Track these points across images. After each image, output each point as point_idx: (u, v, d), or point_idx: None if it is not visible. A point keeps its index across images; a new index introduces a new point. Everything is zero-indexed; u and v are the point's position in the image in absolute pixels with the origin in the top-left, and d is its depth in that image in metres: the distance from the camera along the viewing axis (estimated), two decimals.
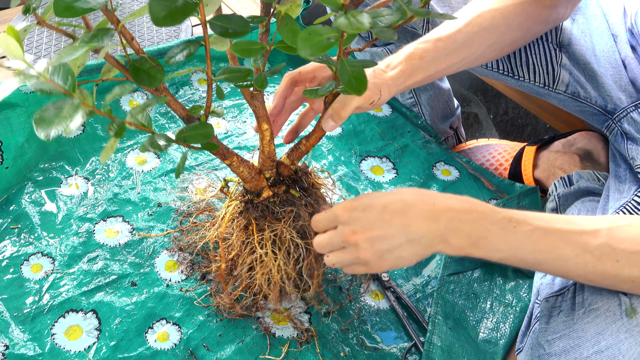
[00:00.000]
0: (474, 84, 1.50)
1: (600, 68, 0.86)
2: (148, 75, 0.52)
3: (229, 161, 0.69)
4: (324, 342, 0.78)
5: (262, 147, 0.71)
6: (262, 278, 0.74)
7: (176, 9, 0.42)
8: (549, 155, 1.07)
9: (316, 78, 0.75)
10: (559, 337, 0.61)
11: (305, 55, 0.47)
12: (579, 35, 0.88)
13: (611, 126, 0.87)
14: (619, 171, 0.86)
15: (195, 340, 0.77)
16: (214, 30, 0.49)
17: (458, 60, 0.77)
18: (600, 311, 0.59)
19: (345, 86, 0.53)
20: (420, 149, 1.08)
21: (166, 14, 0.41)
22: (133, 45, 0.56)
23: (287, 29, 0.53)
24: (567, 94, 0.90)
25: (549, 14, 0.80)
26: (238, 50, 0.56)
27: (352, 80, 0.53)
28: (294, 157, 0.73)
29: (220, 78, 0.58)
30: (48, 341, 0.75)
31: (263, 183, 0.72)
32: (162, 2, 0.42)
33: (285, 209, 0.72)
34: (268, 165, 0.72)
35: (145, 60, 0.53)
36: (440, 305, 0.82)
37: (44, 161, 0.97)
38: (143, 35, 1.33)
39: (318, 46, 0.47)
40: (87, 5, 0.44)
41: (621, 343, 0.56)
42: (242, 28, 0.49)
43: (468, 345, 0.78)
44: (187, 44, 0.53)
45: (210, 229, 0.82)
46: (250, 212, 0.73)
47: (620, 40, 0.86)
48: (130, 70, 0.53)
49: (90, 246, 0.87)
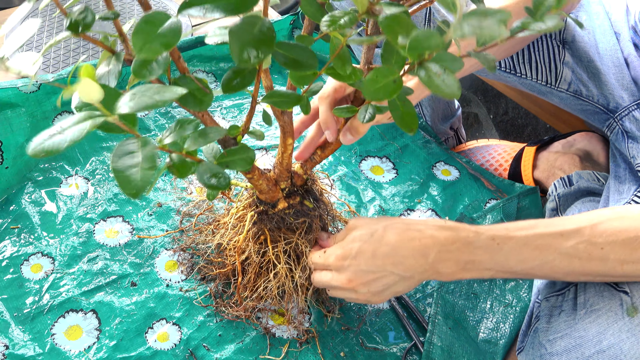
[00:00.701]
0: (474, 84, 1.50)
1: (603, 66, 0.86)
2: (194, 97, 0.47)
3: (250, 175, 0.67)
4: (324, 342, 0.78)
5: (282, 160, 0.69)
6: (277, 290, 0.74)
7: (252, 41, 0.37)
8: (548, 155, 1.07)
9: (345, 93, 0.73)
10: (560, 337, 0.62)
11: (372, 99, 0.46)
12: (583, 32, 0.88)
13: (612, 125, 0.87)
14: (618, 171, 0.86)
15: (195, 340, 0.77)
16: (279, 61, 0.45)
17: (473, 63, 0.76)
18: (602, 311, 0.59)
19: (398, 124, 0.52)
20: (420, 149, 1.08)
21: (234, 85, 0.39)
22: (180, 64, 0.49)
23: (341, 59, 0.51)
24: (569, 92, 0.90)
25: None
26: (294, 78, 0.54)
27: (405, 119, 0.52)
28: (308, 167, 0.72)
29: (267, 101, 0.54)
30: (48, 341, 0.75)
31: (279, 194, 0.71)
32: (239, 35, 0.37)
33: (299, 220, 0.72)
34: (284, 176, 0.71)
35: (190, 81, 0.47)
36: (440, 305, 0.82)
37: (44, 161, 0.97)
38: None
39: (385, 90, 0.45)
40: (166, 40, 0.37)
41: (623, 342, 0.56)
42: (311, 64, 0.45)
43: (468, 345, 0.78)
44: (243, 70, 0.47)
45: (215, 233, 0.82)
46: (265, 223, 0.72)
47: (623, 38, 0.85)
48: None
49: (90, 246, 0.87)
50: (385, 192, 1.00)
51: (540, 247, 0.60)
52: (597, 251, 0.58)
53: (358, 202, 0.98)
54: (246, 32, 0.38)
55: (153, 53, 0.37)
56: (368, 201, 0.98)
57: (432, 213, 0.97)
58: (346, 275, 0.65)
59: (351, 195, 0.99)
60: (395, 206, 0.98)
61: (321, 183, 0.78)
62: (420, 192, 1.01)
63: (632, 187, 0.82)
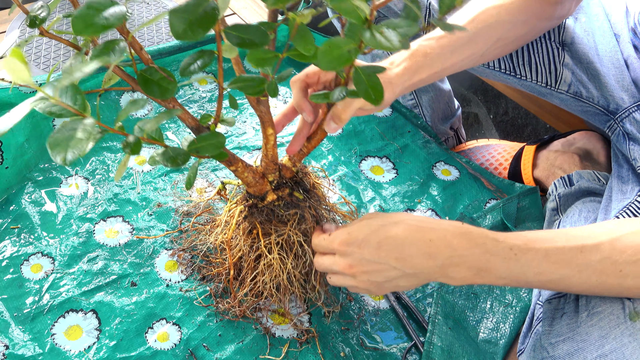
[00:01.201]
0: (474, 84, 1.50)
1: (602, 67, 0.86)
2: (159, 86, 0.50)
3: (234, 167, 0.68)
4: (324, 342, 0.78)
5: (266, 151, 0.70)
6: (270, 283, 0.74)
7: (196, 21, 0.40)
8: (548, 154, 1.07)
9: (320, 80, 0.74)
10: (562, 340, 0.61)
11: (325, 68, 0.47)
12: (582, 34, 0.87)
13: (613, 126, 0.87)
14: (621, 172, 0.86)
15: (195, 340, 0.77)
16: (230, 41, 0.48)
17: (464, 57, 0.76)
18: (604, 314, 0.59)
19: (362, 96, 0.52)
20: (420, 149, 1.08)
21: (186, 27, 0.40)
22: (142, 55, 0.53)
23: (302, 38, 0.51)
24: (569, 93, 0.90)
25: (554, 10, 0.80)
26: (253, 59, 0.54)
27: (369, 91, 0.52)
28: (296, 159, 0.73)
29: (232, 87, 0.56)
30: (48, 341, 0.75)
31: (267, 187, 0.72)
32: (182, 15, 0.40)
33: (290, 211, 0.72)
34: (271, 168, 0.72)
35: (155, 71, 0.51)
36: (440, 305, 0.82)
37: (44, 161, 0.97)
38: (143, 35, 1.33)
39: (339, 60, 0.47)
40: (107, 22, 0.41)
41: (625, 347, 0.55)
42: (261, 40, 0.48)
43: (468, 346, 0.78)
44: (200, 53, 0.51)
45: (212, 232, 0.82)
46: (255, 217, 0.72)
47: (623, 39, 0.85)
48: (139, 81, 0.51)
49: (90, 246, 0.87)
50: (385, 192, 1.00)
51: (559, 262, 0.59)
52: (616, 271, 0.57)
53: (358, 202, 0.98)
54: (192, 13, 0.41)
55: (92, 33, 0.40)
56: (368, 201, 0.98)
57: (432, 213, 0.97)
58: (348, 260, 0.64)
59: (351, 195, 0.99)
60: (396, 206, 0.98)
61: (315, 176, 0.77)
62: (421, 192, 1.01)
63: (635, 187, 0.82)
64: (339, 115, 0.65)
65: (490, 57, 0.82)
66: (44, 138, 0.98)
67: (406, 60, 0.71)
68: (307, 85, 0.72)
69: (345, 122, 0.66)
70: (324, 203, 0.77)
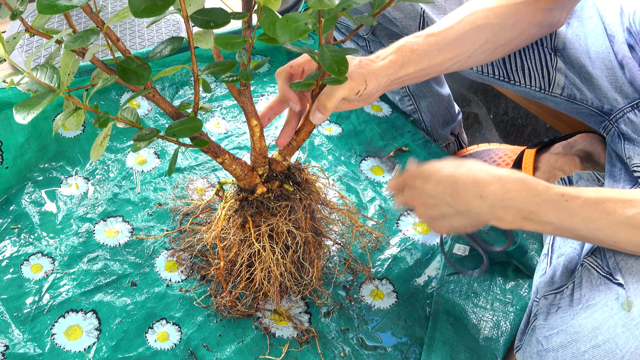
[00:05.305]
0: (474, 84, 1.50)
1: (595, 70, 0.86)
2: (135, 74, 0.54)
3: (220, 159, 0.69)
4: (324, 342, 0.78)
5: (253, 143, 0.71)
6: (261, 274, 0.74)
7: (155, 1, 0.43)
8: (549, 157, 1.07)
9: (305, 72, 0.75)
10: (556, 333, 0.62)
11: (283, 41, 0.49)
12: (574, 38, 0.88)
13: (608, 127, 0.88)
14: (614, 171, 0.87)
15: (195, 340, 0.77)
16: (196, 24, 0.51)
17: (450, 57, 0.76)
18: (598, 306, 0.60)
19: (326, 70, 0.54)
20: (420, 149, 1.08)
21: (145, 7, 0.42)
22: (119, 46, 0.57)
23: (267, 21, 0.53)
24: (563, 96, 0.90)
25: (544, 16, 0.80)
26: (221, 43, 0.57)
27: (333, 65, 0.54)
28: (286, 152, 0.73)
29: (205, 72, 0.59)
30: (48, 341, 0.75)
31: (256, 180, 0.73)
32: None
33: (280, 203, 0.73)
34: (260, 162, 0.72)
35: (131, 60, 0.54)
36: (441, 304, 0.82)
37: (44, 161, 0.97)
38: (143, 35, 1.33)
39: (296, 32, 0.49)
40: (70, 3, 0.44)
41: (618, 337, 0.56)
42: (223, 19, 0.51)
43: (469, 341, 0.79)
44: (171, 40, 0.55)
45: (208, 231, 0.82)
46: (246, 210, 0.73)
47: (618, 40, 0.85)
48: (117, 70, 0.54)
49: (90, 246, 0.87)
50: (386, 192, 1.00)
51: (607, 210, 0.61)
52: None
53: (358, 202, 0.98)
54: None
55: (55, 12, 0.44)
56: (368, 201, 0.98)
57: None
58: (411, 192, 0.70)
59: (351, 195, 0.99)
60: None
61: (311, 173, 0.78)
62: None
63: (626, 186, 0.82)
64: (324, 104, 0.66)
65: (479, 60, 0.82)
66: (44, 138, 0.98)
67: (393, 54, 0.72)
68: (292, 77, 0.73)
69: (331, 111, 0.67)
70: (319, 198, 0.77)
